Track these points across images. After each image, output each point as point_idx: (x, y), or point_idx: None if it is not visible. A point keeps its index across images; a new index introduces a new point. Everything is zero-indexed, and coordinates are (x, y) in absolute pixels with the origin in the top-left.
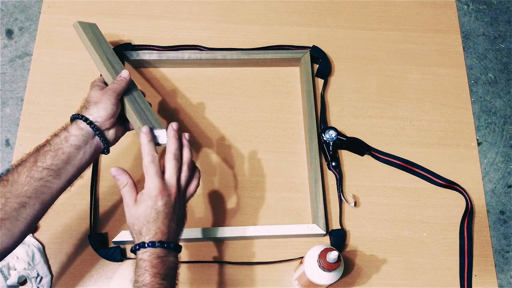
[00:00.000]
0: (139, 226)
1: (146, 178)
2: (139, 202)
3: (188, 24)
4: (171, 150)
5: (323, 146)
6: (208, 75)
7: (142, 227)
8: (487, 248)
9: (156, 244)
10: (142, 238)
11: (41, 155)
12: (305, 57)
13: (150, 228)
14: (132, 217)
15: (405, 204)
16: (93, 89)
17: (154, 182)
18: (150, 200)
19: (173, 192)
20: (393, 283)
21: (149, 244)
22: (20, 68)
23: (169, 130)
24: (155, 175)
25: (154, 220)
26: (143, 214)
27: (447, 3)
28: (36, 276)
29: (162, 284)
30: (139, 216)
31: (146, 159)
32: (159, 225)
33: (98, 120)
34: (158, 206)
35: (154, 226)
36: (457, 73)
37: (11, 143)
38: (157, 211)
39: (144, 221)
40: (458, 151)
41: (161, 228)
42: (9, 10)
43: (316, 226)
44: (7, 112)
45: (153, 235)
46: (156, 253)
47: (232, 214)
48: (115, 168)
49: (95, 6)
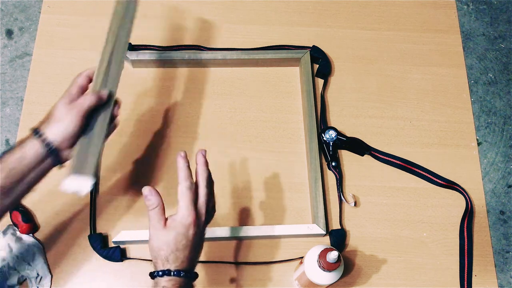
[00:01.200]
0: (167, 252)
1: (181, 204)
2: (170, 227)
3: (188, 24)
4: (204, 177)
5: (323, 146)
6: (208, 75)
7: (170, 254)
8: (487, 248)
9: (181, 274)
10: (168, 265)
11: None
12: (305, 57)
13: (178, 256)
14: (161, 241)
15: (405, 204)
16: (60, 101)
17: (189, 209)
18: (183, 228)
19: (203, 220)
20: (393, 283)
21: (175, 273)
22: (20, 68)
23: (199, 158)
24: (191, 203)
25: (183, 249)
26: (173, 241)
27: (447, 3)
28: (36, 276)
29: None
30: (169, 242)
31: (183, 184)
32: (186, 253)
33: (57, 139)
34: (189, 235)
35: (182, 255)
36: (457, 73)
37: (11, 143)
38: (187, 240)
39: (173, 248)
40: (458, 151)
41: (188, 256)
42: (9, 10)
43: (316, 226)
44: (7, 112)
45: (179, 263)
46: (179, 283)
47: (232, 214)
48: (149, 188)
49: (95, 6)
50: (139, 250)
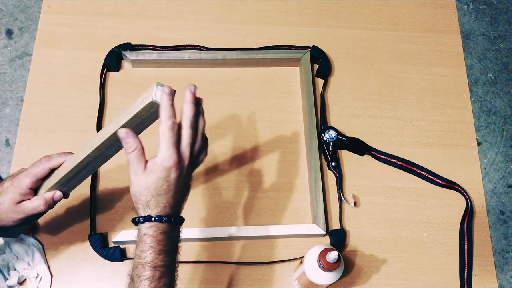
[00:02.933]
0: (147, 197)
1: (162, 145)
2: (150, 171)
3: (188, 24)
4: (189, 117)
5: (323, 146)
6: (208, 75)
7: (151, 199)
8: (487, 248)
9: (163, 219)
10: (149, 211)
11: None
12: (305, 57)
13: (159, 201)
14: (140, 186)
15: (405, 204)
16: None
17: (170, 151)
18: (164, 171)
19: (186, 163)
20: (393, 283)
21: (156, 219)
22: (20, 68)
23: (186, 94)
24: (173, 144)
25: (165, 193)
26: (153, 185)
27: (447, 3)
28: (36, 276)
29: (166, 261)
30: (149, 186)
31: (164, 124)
32: (168, 198)
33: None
34: (171, 179)
35: (163, 200)
36: (457, 73)
37: (11, 143)
38: (169, 184)
39: (154, 192)
40: (458, 151)
41: (170, 201)
42: (9, 10)
43: (316, 226)
44: (7, 112)
45: (161, 208)
46: (162, 228)
47: (232, 214)
48: (125, 130)
49: (95, 6)
50: None
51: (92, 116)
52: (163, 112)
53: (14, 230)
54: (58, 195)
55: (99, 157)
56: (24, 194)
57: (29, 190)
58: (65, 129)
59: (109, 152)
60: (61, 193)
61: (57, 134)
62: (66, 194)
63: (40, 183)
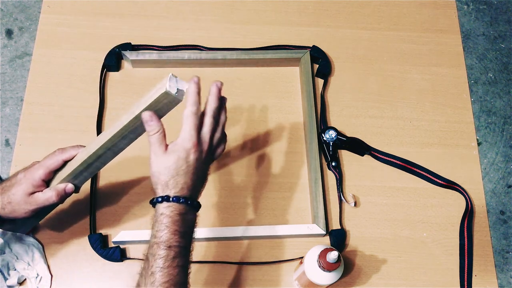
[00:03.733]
0: (166, 176)
1: (184, 127)
2: (171, 151)
3: (188, 24)
4: (212, 108)
5: (323, 146)
6: (208, 75)
7: (170, 179)
8: (487, 248)
9: (180, 200)
10: (168, 191)
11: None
12: (305, 57)
13: (178, 181)
14: (160, 166)
15: (405, 204)
16: (21, 189)
17: (191, 133)
18: (184, 151)
19: (205, 149)
20: (393, 283)
21: (174, 199)
22: (20, 68)
23: (213, 88)
24: (194, 127)
25: (184, 173)
26: (173, 165)
27: (447, 3)
28: (36, 276)
29: (181, 242)
30: (169, 166)
31: (189, 109)
32: (186, 179)
33: (6, 215)
34: (190, 160)
35: (182, 180)
36: (457, 73)
37: (11, 143)
38: (188, 165)
39: (173, 172)
40: (458, 151)
41: (188, 183)
42: (9, 10)
43: (316, 226)
44: (7, 112)
45: (179, 189)
46: (178, 209)
47: (232, 214)
48: (149, 113)
49: (95, 6)
50: (139, 250)
51: (92, 116)
52: (189, 98)
53: (24, 224)
54: (70, 187)
55: (112, 149)
56: (37, 185)
57: (42, 182)
58: (65, 129)
59: (121, 144)
60: (72, 186)
61: (57, 134)
62: (77, 188)
63: (52, 175)
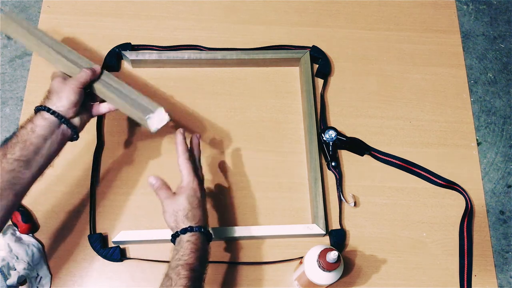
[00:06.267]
0: (184, 211)
1: (184, 172)
2: (180, 193)
3: (188, 24)
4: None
5: (323, 146)
6: (208, 75)
7: (188, 212)
8: (486, 248)
9: (201, 229)
10: (188, 222)
11: (9, 147)
12: (305, 57)
13: (195, 214)
14: (176, 205)
15: (405, 204)
16: (55, 80)
17: (192, 175)
18: (192, 190)
19: (203, 186)
20: (393, 283)
21: (196, 229)
22: (20, 68)
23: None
24: (192, 170)
25: (197, 207)
26: (187, 201)
27: (447, 3)
28: (36, 276)
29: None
30: (184, 203)
31: (182, 157)
32: (201, 212)
33: (60, 109)
34: (198, 195)
35: (198, 213)
36: (456, 73)
37: None
38: (199, 200)
39: (189, 206)
40: (458, 151)
41: (202, 215)
42: (9, 10)
43: (316, 226)
44: (7, 112)
45: (198, 220)
46: (200, 238)
47: (232, 214)
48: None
49: (95, 6)
50: (139, 250)
51: None
52: (179, 147)
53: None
54: (96, 66)
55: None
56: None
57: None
58: None
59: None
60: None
61: None
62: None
63: None
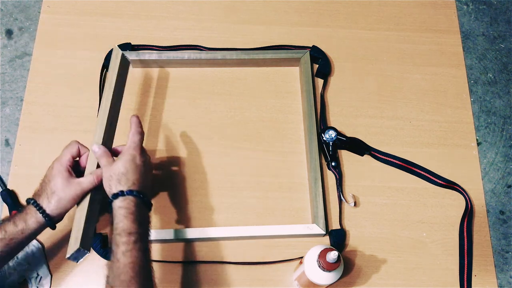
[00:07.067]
0: (118, 176)
1: (130, 139)
2: (119, 158)
3: (188, 24)
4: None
5: (323, 146)
6: (208, 75)
7: (122, 177)
8: (486, 248)
9: (134, 193)
10: (120, 187)
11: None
12: (305, 57)
13: (129, 178)
14: (111, 170)
15: (405, 204)
16: (58, 176)
17: (136, 143)
18: (130, 155)
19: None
20: (393, 283)
21: (127, 192)
22: (20, 68)
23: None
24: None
25: (133, 171)
26: (123, 165)
27: (447, 3)
28: (36, 276)
29: (139, 229)
30: (119, 167)
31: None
32: (137, 176)
33: (54, 213)
34: (137, 160)
35: (132, 177)
36: (456, 73)
37: (10, 143)
38: (136, 165)
39: (123, 170)
40: (458, 151)
41: (138, 179)
42: (9, 10)
43: (316, 226)
44: (7, 112)
45: (131, 183)
46: (133, 201)
47: (232, 214)
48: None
49: (95, 6)
50: None
51: (92, 116)
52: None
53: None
54: None
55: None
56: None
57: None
58: (65, 129)
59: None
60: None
61: (57, 134)
62: None
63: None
